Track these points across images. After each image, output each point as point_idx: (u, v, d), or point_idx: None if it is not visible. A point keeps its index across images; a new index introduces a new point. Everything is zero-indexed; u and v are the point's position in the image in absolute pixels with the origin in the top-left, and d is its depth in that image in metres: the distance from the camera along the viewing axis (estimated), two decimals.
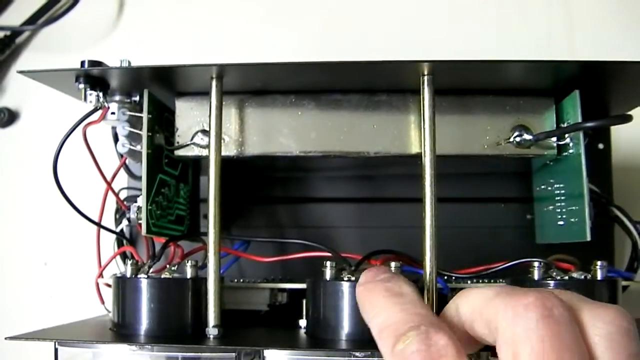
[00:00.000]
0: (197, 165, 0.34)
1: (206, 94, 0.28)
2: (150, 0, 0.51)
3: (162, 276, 0.27)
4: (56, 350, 0.26)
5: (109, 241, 0.36)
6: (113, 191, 0.31)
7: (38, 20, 0.50)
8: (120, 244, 0.34)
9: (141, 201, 0.28)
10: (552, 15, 0.46)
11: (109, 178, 0.31)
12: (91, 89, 0.29)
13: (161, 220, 0.30)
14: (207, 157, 0.27)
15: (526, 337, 0.18)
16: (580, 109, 0.28)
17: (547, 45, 0.45)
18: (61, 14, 0.48)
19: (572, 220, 0.29)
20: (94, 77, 0.29)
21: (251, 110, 0.30)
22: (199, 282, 0.27)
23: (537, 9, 0.46)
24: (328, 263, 0.26)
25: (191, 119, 0.30)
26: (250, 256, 0.30)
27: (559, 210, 0.30)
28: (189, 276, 0.27)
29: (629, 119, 0.26)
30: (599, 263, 0.27)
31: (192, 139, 0.30)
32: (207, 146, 0.28)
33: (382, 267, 0.23)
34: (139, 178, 0.30)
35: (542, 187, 0.33)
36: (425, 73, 0.27)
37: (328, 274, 0.26)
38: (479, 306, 0.20)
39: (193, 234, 0.32)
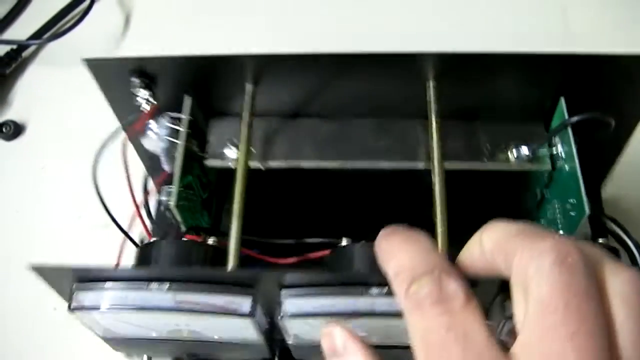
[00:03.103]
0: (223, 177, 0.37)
1: (237, 115, 0.33)
2: (157, 15, 0.55)
3: None
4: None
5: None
6: (140, 215, 0.35)
7: (45, 34, 0.54)
8: None
9: (174, 184, 0.31)
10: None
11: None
12: (142, 88, 0.33)
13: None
14: (234, 169, 0.32)
15: (537, 280, 0.19)
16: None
17: None
18: (68, 29, 0.52)
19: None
20: (145, 76, 0.33)
21: (278, 130, 0.35)
22: None
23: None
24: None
25: (222, 135, 0.35)
26: (268, 258, 0.34)
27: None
28: None
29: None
30: None
31: (222, 151, 0.34)
32: (236, 159, 0.32)
33: (401, 226, 0.24)
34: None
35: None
36: (430, 78, 0.32)
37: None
38: (500, 241, 0.21)
39: (218, 232, 0.35)
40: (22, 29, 0.54)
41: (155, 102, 0.34)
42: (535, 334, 0.19)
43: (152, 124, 0.34)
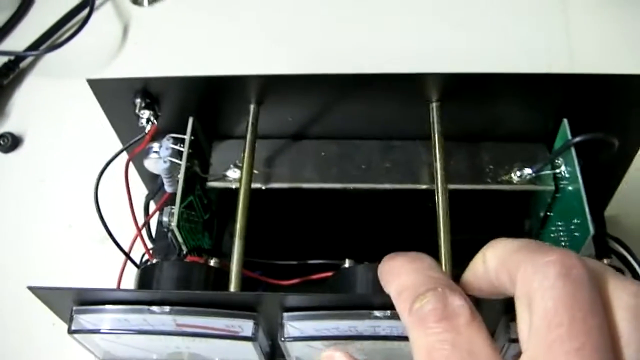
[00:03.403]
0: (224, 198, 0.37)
1: (239, 137, 0.33)
2: (154, 27, 0.55)
3: None
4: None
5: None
6: (142, 237, 0.35)
7: (42, 45, 0.53)
8: None
9: (175, 204, 0.31)
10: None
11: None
12: (144, 108, 0.33)
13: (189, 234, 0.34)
14: (237, 189, 0.32)
15: (541, 293, 0.18)
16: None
17: None
18: (65, 40, 0.52)
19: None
20: (148, 96, 0.33)
21: (281, 151, 0.35)
22: None
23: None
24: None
25: (225, 157, 0.35)
26: (270, 280, 0.34)
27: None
28: None
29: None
30: None
31: (224, 172, 0.34)
32: (238, 179, 0.32)
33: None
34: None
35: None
36: (434, 100, 0.33)
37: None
38: (504, 257, 0.20)
39: (219, 253, 0.35)
40: (19, 39, 0.54)
41: (155, 123, 0.33)
42: (541, 348, 0.18)
43: (155, 145, 0.34)
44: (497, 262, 0.21)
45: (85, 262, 0.44)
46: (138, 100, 0.33)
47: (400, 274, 0.22)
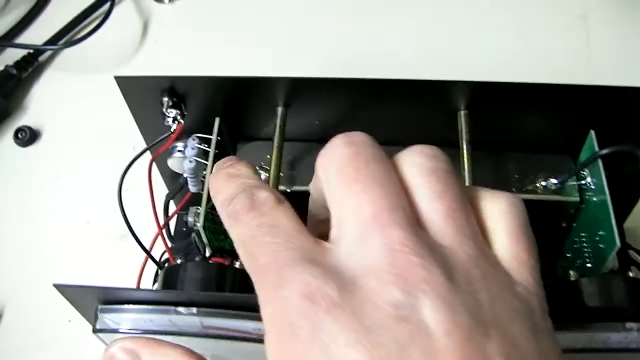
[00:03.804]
0: None
1: (265, 139, 0.33)
2: (175, 25, 0.55)
3: None
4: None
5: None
6: (162, 237, 0.35)
7: (61, 39, 0.53)
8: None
9: (201, 205, 0.32)
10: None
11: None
12: (171, 107, 0.33)
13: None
14: None
15: (329, 160, 0.21)
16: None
17: None
18: (85, 36, 0.52)
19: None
20: (176, 96, 0.33)
21: (306, 154, 0.35)
22: None
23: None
24: None
25: (250, 159, 0.34)
26: None
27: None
28: None
29: None
30: None
31: None
32: (264, 181, 0.32)
33: (228, 158, 0.25)
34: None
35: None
36: (462, 108, 0.33)
37: None
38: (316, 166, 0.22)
39: None
40: (38, 33, 0.54)
41: (182, 122, 0.34)
42: (335, 203, 0.20)
43: (179, 144, 0.34)
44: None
45: (103, 259, 0.44)
46: (165, 99, 0.33)
47: (221, 189, 0.23)
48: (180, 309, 0.28)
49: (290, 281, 0.18)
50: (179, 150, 0.35)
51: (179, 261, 0.32)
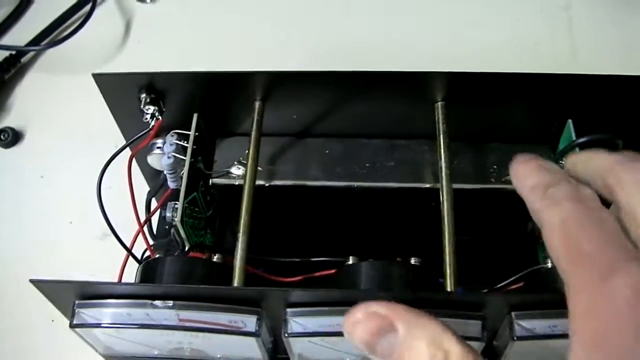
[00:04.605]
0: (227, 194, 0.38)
1: (244, 134, 0.34)
2: (157, 25, 0.56)
3: None
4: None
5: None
6: (143, 234, 0.35)
7: (43, 40, 0.54)
8: None
9: (179, 200, 0.32)
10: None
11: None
12: (149, 104, 0.33)
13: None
14: (241, 186, 0.32)
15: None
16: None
17: None
18: (67, 36, 0.52)
19: None
20: (154, 92, 0.33)
21: (286, 148, 0.36)
22: None
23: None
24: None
25: (229, 154, 0.35)
26: (273, 277, 0.34)
27: None
28: None
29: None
30: None
31: (228, 169, 0.35)
32: (242, 176, 0.32)
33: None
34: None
35: None
36: (439, 99, 0.33)
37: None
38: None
39: (221, 250, 0.36)
40: (20, 34, 0.55)
41: (160, 118, 0.34)
42: None
43: (159, 141, 0.34)
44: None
45: (86, 258, 0.44)
46: (143, 96, 0.33)
47: (534, 175, 0.23)
48: (157, 302, 0.28)
49: (621, 274, 0.18)
50: (158, 147, 0.35)
51: (157, 256, 0.32)
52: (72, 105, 0.51)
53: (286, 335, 0.28)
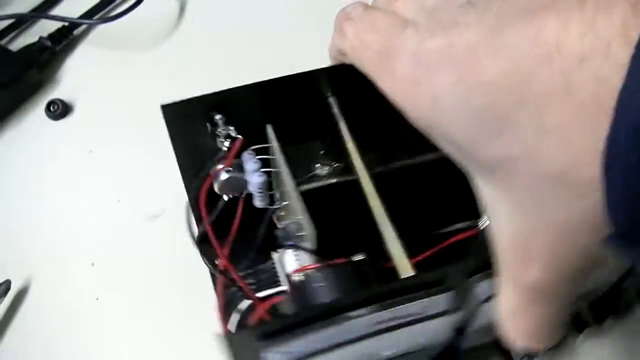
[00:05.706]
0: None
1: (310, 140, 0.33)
2: (212, 7, 0.55)
3: None
4: None
5: None
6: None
7: (96, 14, 0.53)
8: None
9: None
10: None
11: None
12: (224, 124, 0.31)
13: None
14: (330, 184, 0.32)
15: None
16: None
17: None
18: (121, 13, 0.52)
19: None
20: (224, 111, 0.31)
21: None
22: None
23: None
24: None
25: (300, 160, 0.33)
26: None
27: None
28: None
29: None
30: None
31: (312, 173, 0.34)
32: (327, 175, 0.33)
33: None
34: None
35: None
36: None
37: None
38: None
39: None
40: (73, 6, 0.54)
41: (239, 136, 0.32)
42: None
43: (220, 166, 0.32)
44: None
45: (134, 239, 0.44)
46: (218, 117, 0.31)
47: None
48: (352, 313, 0.26)
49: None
50: (226, 171, 0.32)
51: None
52: (122, 81, 0.51)
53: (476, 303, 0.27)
